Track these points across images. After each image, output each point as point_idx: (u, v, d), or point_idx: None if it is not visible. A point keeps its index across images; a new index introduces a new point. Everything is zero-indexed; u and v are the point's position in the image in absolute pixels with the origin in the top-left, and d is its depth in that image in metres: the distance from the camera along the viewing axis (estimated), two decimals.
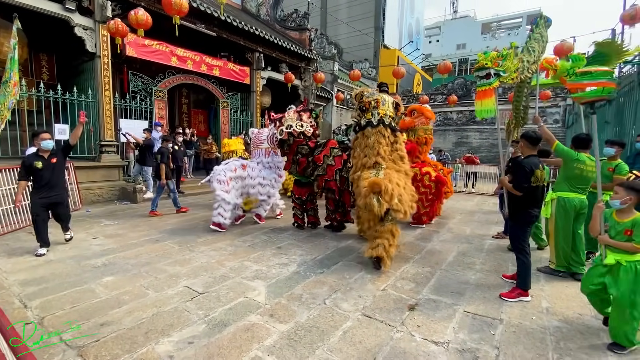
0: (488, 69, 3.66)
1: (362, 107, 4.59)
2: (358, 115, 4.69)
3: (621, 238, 2.50)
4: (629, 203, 2.48)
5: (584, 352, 2.42)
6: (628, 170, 4.11)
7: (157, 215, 6.55)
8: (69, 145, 4.50)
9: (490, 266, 4.14)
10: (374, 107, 4.50)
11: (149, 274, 3.66)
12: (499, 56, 3.70)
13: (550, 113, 17.03)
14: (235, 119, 11.76)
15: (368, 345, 2.43)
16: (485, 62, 3.68)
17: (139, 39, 8.42)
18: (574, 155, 3.69)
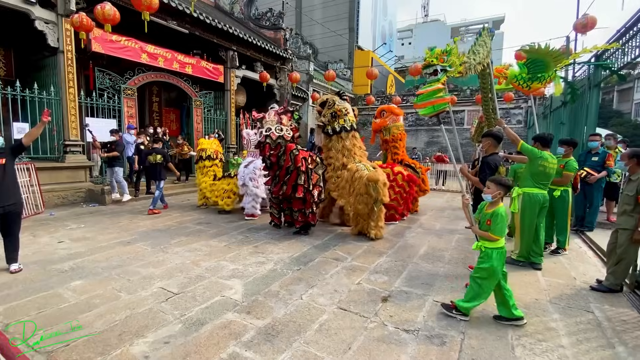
0: (435, 66, 3.80)
1: (334, 113, 5.18)
2: (329, 121, 5.22)
3: (483, 227, 2.77)
4: (497, 197, 2.74)
5: (539, 333, 2.65)
6: (577, 167, 4.49)
7: (155, 213, 6.76)
8: (22, 145, 3.73)
9: (457, 258, 4.38)
10: (345, 114, 5.14)
11: (121, 277, 3.57)
12: (444, 52, 3.87)
13: (514, 114, 18.03)
14: (209, 118, 11.55)
15: (343, 336, 2.53)
16: (432, 59, 3.82)
17: (106, 34, 8.09)
18: (538, 154, 3.96)
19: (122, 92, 8.93)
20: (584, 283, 3.64)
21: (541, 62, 4.60)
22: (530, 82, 4.66)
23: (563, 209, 4.52)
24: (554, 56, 4.53)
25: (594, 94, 5.93)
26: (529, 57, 4.70)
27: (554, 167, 3.98)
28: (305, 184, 5.06)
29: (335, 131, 5.22)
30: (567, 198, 4.49)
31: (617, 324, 2.80)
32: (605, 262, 3.86)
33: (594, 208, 5.66)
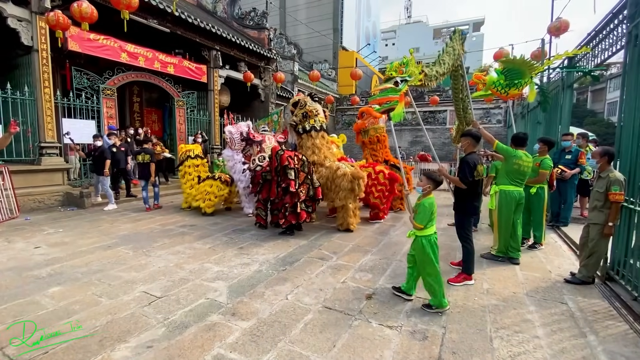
0: (394, 78, 4.06)
1: (305, 113, 5.56)
2: (300, 120, 5.62)
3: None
4: (427, 190, 3.02)
5: (516, 325, 2.75)
6: (552, 166, 4.68)
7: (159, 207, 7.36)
8: None
9: (440, 255, 4.47)
10: (316, 115, 5.52)
11: (102, 282, 3.49)
12: (402, 64, 4.18)
13: (494, 114, 18.53)
14: (192, 119, 11.38)
15: (328, 335, 2.56)
16: (391, 72, 4.11)
17: (83, 32, 7.86)
18: (513, 152, 4.12)
19: (101, 92, 8.69)
20: (559, 276, 3.80)
21: (517, 70, 4.85)
22: (508, 89, 4.89)
23: (539, 205, 4.71)
24: (528, 65, 4.79)
25: (567, 94, 6.18)
26: (505, 66, 4.92)
27: (529, 165, 4.14)
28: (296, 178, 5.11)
29: (306, 130, 5.58)
30: (542, 195, 4.68)
31: (589, 315, 2.94)
32: (578, 255, 4.04)
33: (568, 204, 5.90)
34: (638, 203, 3.16)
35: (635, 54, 3.36)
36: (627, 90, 3.51)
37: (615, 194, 3.28)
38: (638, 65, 3.31)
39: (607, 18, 4.18)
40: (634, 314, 2.90)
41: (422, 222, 2.94)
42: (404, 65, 4.19)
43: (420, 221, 2.95)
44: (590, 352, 2.40)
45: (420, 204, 2.99)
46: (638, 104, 3.27)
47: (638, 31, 3.29)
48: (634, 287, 3.11)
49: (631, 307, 3.00)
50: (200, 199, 6.83)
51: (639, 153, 3.26)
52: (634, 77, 3.40)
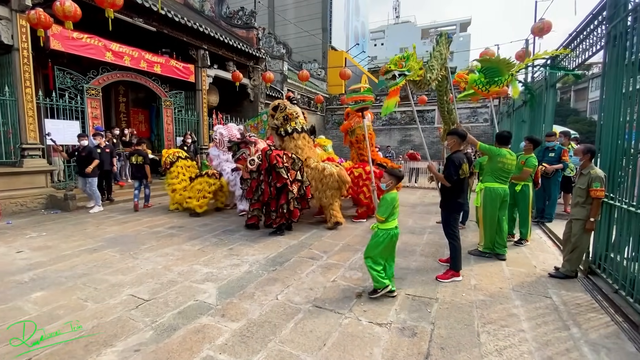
0: (392, 72, 4.15)
1: (286, 116, 5.70)
2: (281, 123, 5.76)
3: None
4: (390, 185, 3.16)
5: (502, 320, 2.81)
6: (536, 164, 4.80)
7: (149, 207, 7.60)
8: None
9: (429, 252, 4.55)
10: (296, 117, 5.65)
11: (87, 286, 3.42)
12: (402, 58, 4.24)
13: (481, 113, 18.83)
14: (180, 119, 11.23)
15: (318, 333, 2.57)
16: (390, 66, 4.17)
17: (66, 31, 7.69)
18: (497, 151, 4.21)
19: (86, 92, 8.50)
20: (544, 271, 3.89)
21: (495, 69, 5.03)
22: (489, 86, 5.04)
23: (524, 202, 4.82)
24: (505, 63, 4.98)
25: (551, 93, 6.33)
26: (483, 65, 5.08)
27: (513, 162, 4.23)
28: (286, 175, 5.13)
29: (288, 132, 5.65)
30: (527, 192, 4.79)
31: (572, 308, 3.02)
32: (562, 250, 4.14)
33: (552, 201, 6.05)
34: (618, 199, 3.26)
35: (614, 54, 3.46)
36: (606, 90, 3.61)
37: (596, 190, 3.38)
38: (616, 65, 3.41)
39: (587, 19, 4.30)
40: (615, 306, 2.99)
41: (383, 214, 3.06)
42: (404, 59, 4.23)
43: (381, 214, 3.07)
44: (573, 344, 2.46)
45: (382, 197, 3.11)
46: (617, 103, 3.38)
47: (616, 32, 3.39)
48: (615, 280, 3.21)
49: (612, 300, 3.09)
50: (193, 198, 6.77)
51: (618, 150, 3.36)
52: (612, 76, 3.50)
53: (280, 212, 5.23)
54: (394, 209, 3.08)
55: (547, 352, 2.37)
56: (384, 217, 3.06)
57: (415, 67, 4.28)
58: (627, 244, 3.04)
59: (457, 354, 2.34)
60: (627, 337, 2.54)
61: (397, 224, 3.18)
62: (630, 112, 3.12)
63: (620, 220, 3.18)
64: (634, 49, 3.09)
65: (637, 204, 2.88)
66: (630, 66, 3.12)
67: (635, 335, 2.55)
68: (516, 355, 2.33)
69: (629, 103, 3.15)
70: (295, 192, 5.29)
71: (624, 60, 3.25)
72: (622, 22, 3.28)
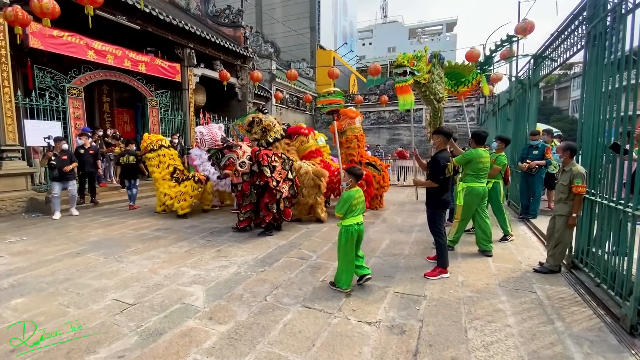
0: (405, 67, 4.19)
1: (264, 128, 5.94)
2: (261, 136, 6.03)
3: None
4: (350, 184, 3.31)
5: (489, 315, 2.85)
6: (506, 163, 5.06)
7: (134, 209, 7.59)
8: None
9: (417, 250, 4.58)
10: (273, 127, 5.87)
11: (69, 291, 3.32)
12: (415, 57, 4.32)
13: (467, 112, 19.10)
14: (166, 119, 11.04)
15: (307, 334, 2.55)
16: (403, 61, 4.21)
17: (46, 29, 7.48)
18: (474, 155, 4.30)
19: (67, 91, 8.27)
20: (529, 266, 3.96)
21: (456, 72, 5.38)
22: (457, 87, 5.36)
23: (497, 199, 5.02)
24: (463, 67, 5.35)
25: (534, 92, 6.46)
26: (446, 71, 5.36)
27: (489, 160, 4.44)
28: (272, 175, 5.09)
29: (269, 143, 5.86)
30: (498, 189, 5.04)
31: (555, 302, 3.09)
32: (546, 246, 4.23)
33: (537, 197, 6.18)
34: (599, 194, 3.34)
35: (594, 53, 3.55)
36: (587, 89, 3.70)
37: (577, 186, 3.46)
38: (596, 65, 3.50)
39: (568, 19, 4.39)
40: (597, 299, 3.07)
41: (340, 211, 3.19)
42: (417, 59, 4.34)
43: (338, 210, 3.22)
44: (557, 337, 2.51)
45: (342, 195, 3.26)
46: (597, 101, 3.46)
47: (596, 32, 3.47)
48: (597, 274, 3.29)
49: (594, 293, 3.17)
50: (175, 199, 6.63)
51: (598, 148, 3.45)
52: (592, 75, 3.59)
53: (267, 211, 5.17)
54: (351, 206, 3.17)
55: (532, 346, 2.41)
56: (341, 213, 3.19)
57: (424, 69, 4.37)
58: (608, 239, 3.12)
59: (445, 351, 2.36)
60: (609, 329, 2.61)
61: (361, 220, 3.26)
62: (609, 110, 3.20)
63: (601, 215, 3.26)
64: (613, 49, 3.17)
65: (617, 199, 2.96)
66: (609, 65, 3.20)
67: (616, 327, 2.62)
68: (502, 350, 2.36)
69: (608, 102, 3.24)
70: (286, 191, 5.26)
71: (604, 59, 3.34)
72: (602, 22, 3.36)
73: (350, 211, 3.20)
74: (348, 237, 3.19)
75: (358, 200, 3.23)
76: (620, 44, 3.05)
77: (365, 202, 3.45)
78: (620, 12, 3.04)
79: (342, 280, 3.26)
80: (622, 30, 3.03)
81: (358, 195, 3.24)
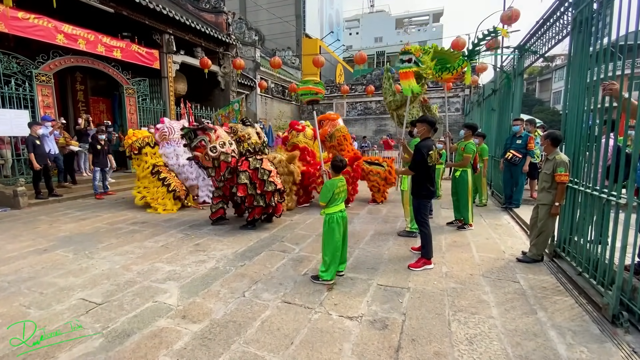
0: (411, 55, 4.64)
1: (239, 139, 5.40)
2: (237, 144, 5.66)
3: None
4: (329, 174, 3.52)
5: (472, 307, 2.80)
6: (474, 150, 5.07)
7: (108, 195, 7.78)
8: None
9: (401, 241, 4.52)
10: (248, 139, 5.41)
11: (32, 290, 3.10)
12: (422, 49, 4.85)
13: (452, 102, 19.19)
14: (144, 108, 10.60)
15: (286, 331, 2.44)
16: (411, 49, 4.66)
17: (10, 10, 6.96)
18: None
19: (35, 78, 7.77)
20: (512, 256, 3.95)
21: (442, 58, 5.36)
22: (441, 73, 5.31)
23: (464, 188, 4.98)
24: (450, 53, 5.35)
25: (518, 82, 6.44)
26: (433, 55, 5.37)
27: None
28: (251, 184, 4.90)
29: (242, 154, 5.36)
30: (466, 178, 4.96)
31: (538, 292, 3.07)
32: (529, 235, 4.23)
33: (519, 187, 6.21)
34: (582, 183, 3.32)
35: (580, 39, 3.48)
36: (572, 76, 3.65)
37: (560, 175, 3.43)
38: (582, 51, 3.44)
39: (554, 5, 4.32)
40: (579, 288, 3.07)
41: (323, 200, 3.21)
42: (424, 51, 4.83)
43: (322, 199, 3.22)
44: (540, 328, 2.48)
45: (324, 184, 3.26)
46: (582, 89, 3.41)
47: (582, 17, 3.40)
48: (578, 263, 3.29)
49: (576, 282, 3.17)
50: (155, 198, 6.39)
51: (582, 137, 3.41)
52: (577, 62, 3.53)
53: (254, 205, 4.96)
54: (334, 195, 3.17)
55: (515, 338, 2.36)
56: (325, 202, 3.21)
57: (428, 62, 4.77)
58: (589, 227, 3.11)
59: (428, 345, 2.29)
60: (590, 318, 2.59)
61: (343, 208, 3.29)
62: (594, 99, 3.15)
63: (583, 203, 3.24)
64: (599, 34, 3.10)
65: (601, 188, 2.93)
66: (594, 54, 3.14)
67: (598, 317, 2.61)
68: (486, 343, 2.31)
69: (592, 90, 3.18)
70: (279, 184, 5.08)
71: (589, 46, 3.27)
72: (588, 7, 3.29)
73: (334, 200, 3.18)
74: (333, 224, 3.17)
75: (341, 189, 3.22)
76: (607, 29, 2.98)
77: (347, 191, 3.40)
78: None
79: (327, 271, 3.19)
80: (609, 15, 2.96)
81: (341, 184, 3.22)
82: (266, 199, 4.95)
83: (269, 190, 4.94)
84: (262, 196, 4.93)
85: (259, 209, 4.99)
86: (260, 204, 4.94)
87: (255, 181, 4.91)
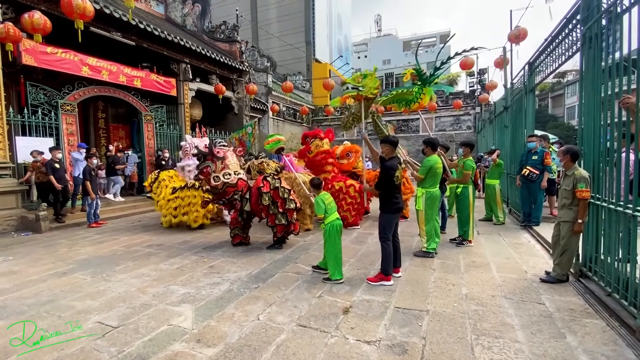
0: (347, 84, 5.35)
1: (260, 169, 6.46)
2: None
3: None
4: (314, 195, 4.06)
5: (496, 330, 2.67)
6: (474, 166, 5.16)
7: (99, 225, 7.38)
8: None
9: (418, 262, 4.41)
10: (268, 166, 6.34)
11: (50, 314, 3.13)
12: (361, 75, 5.29)
13: (463, 120, 19.16)
14: (162, 133, 10.96)
15: (302, 356, 2.37)
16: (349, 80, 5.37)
17: (39, 45, 7.47)
18: (432, 162, 4.44)
19: (60, 108, 8.20)
20: (535, 276, 3.79)
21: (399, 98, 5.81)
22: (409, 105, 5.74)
23: (464, 204, 5.05)
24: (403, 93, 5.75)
25: (530, 98, 6.41)
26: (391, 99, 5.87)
27: (441, 167, 4.58)
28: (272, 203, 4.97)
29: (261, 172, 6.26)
30: (467, 194, 5.04)
31: (566, 314, 2.91)
32: (552, 254, 4.07)
33: (538, 204, 6.04)
34: (604, 199, 3.21)
35: (590, 55, 3.48)
36: (585, 92, 3.62)
37: (581, 191, 3.33)
38: (593, 67, 3.43)
39: (562, 23, 4.35)
40: (609, 309, 2.90)
41: (319, 212, 3.80)
42: (362, 77, 5.24)
43: (318, 212, 3.82)
44: (571, 353, 2.34)
45: (315, 200, 3.87)
46: (596, 104, 3.37)
47: (592, 33, 3.41)
48: (607, 283, 3.13)
49: (606, 303, 3.00)
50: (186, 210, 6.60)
51: (600, 151, 3.34)
52: (590, 78, 3.51)
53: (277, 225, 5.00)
54: (327, 206, 3.77)
55: None
56: (321, 214, 3.78)
57: (370, 86, 5.14)
58: (616, 244, 2.97)
59: None
60: (624, 342, 2.43)
61: (338, 216, 3.84)
62: (611, 112, 3.10)
63: (607, 220, 3.12)
64: (610, 49, 3.10)
65: (625, 204, 2.82)
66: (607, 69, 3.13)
67: (633, 340, 2.44)
68: None
69: (608, 104, 3.14)
70: (298, 203, 5.14)
71: (601, 61, 3.26)
72: (597, 24, 3.30)
73: (328, 209, 3.78)
74: (332, 230, 3.72)
75: (329, 201, 3.83)
76: (617, 43, 2.98)
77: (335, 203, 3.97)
78: (615, 12, 2.98)
79: (335, 272, 3.70)
80: (618, 30, 2.96)
81: (326, 197, 3.86)
82: (288, 217, 4.99)
83: (291, 208, 5.00)
84: (284, 215, 4.96)
85: (280, 227, 5.00)
86: (282, 222, 4.96)
87: (277, 200, 4.95)
